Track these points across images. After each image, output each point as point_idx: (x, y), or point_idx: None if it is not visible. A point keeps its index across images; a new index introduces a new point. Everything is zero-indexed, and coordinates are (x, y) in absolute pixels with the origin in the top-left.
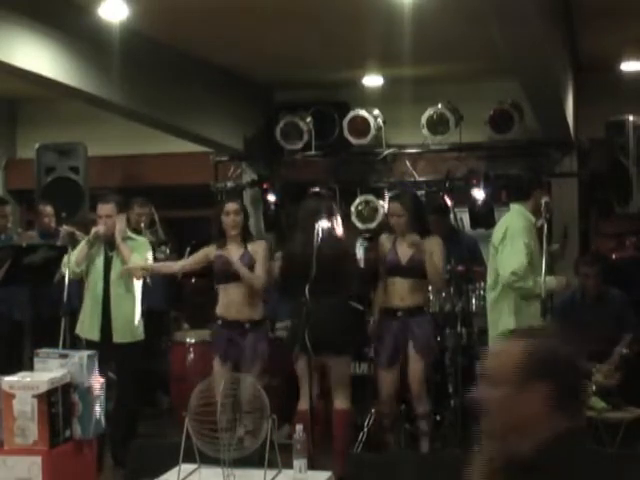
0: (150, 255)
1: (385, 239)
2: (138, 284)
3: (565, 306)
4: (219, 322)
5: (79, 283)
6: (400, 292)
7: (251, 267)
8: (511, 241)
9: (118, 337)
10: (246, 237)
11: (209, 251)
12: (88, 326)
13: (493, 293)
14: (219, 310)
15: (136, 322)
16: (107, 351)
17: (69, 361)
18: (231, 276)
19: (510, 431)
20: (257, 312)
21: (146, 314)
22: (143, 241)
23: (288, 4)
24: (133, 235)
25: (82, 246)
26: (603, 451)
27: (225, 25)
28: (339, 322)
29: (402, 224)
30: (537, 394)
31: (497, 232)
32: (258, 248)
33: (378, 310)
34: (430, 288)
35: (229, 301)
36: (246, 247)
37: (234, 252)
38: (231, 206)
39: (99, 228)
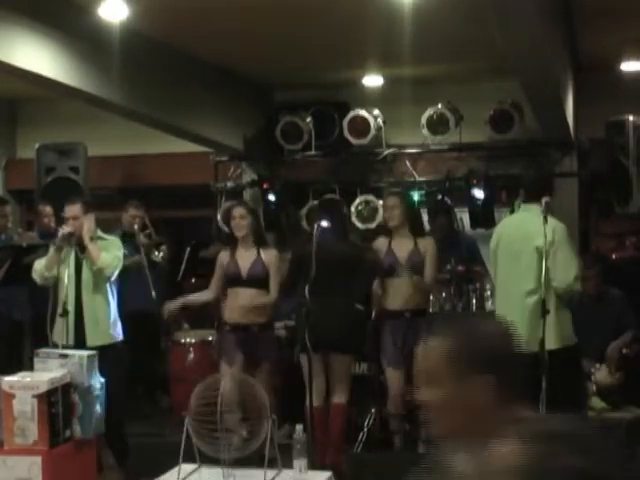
0: (121, 254)
1: (380, 243)
2: (110, 286)
3: None
4: (227, 327)
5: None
6: (402, 293)
7: (262, 275)
8: (566, 244)
9: (92, 340)
10: (259, 241)
11: (221, 259)
12: (62, 331)
13: (534, 297)
14: (226, 314)
15: (110, 324)
16: None
17: (69, 361)
18: (239, 280)
19: (463, 429)
20: (264, 315)
21: (146, 314)
22: (113, 240)
23: (288, 4)
24: (104, 235)
25: (51, 251)
26: None
27: (225, 25)
28: (341, 321)
29: (396, 216)
30: (479, 385)
31: (544, 234)
32: (271, 260)
33: (378, 310)
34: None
35: (236, 305)
36: (259, 253)
37: (245, 257)
38: (237, 211)
39: (65, 230)
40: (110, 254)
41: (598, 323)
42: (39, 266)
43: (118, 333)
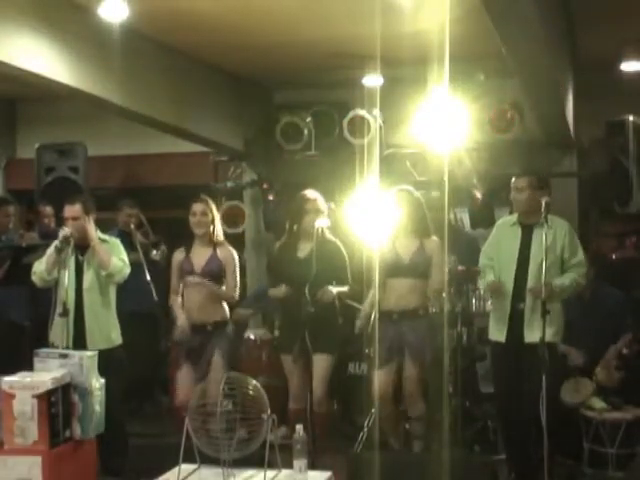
0: (126, 257)
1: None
2: (114, 289)
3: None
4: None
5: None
6: (398, 293)
7: (218, 272)
8: None
9: (92, 344)
10: (216, 239)
11: (177, 258)
12: (61, 332)
13: None
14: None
15: (111, 328)
16: None
17: (69, 361)
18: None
19: None
20: (220, 313)
21: (147, 315)
22: (115, 242)
23: (288, 4)
24: (104, 236)
25: (51, 252)
26: None
27: (225, 25)
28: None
29: (401, 214)
30: None
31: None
32: (229, 257)
33: (373, 311)
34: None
35: (192, 303)
36: (215, 250)
37: (200, 254)
38: (197, 207)
39: (66, 231)
40: (119, 260)
41: (595, 322)
42: (39, 269)
43: (118, 337)
